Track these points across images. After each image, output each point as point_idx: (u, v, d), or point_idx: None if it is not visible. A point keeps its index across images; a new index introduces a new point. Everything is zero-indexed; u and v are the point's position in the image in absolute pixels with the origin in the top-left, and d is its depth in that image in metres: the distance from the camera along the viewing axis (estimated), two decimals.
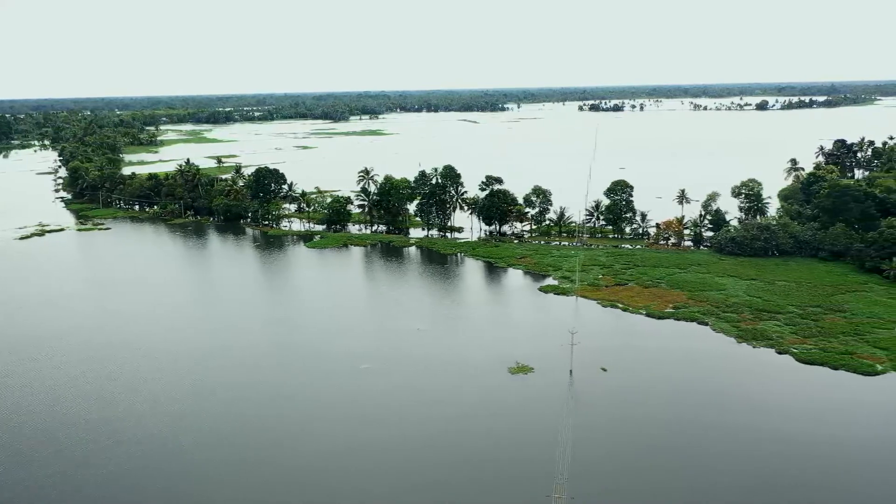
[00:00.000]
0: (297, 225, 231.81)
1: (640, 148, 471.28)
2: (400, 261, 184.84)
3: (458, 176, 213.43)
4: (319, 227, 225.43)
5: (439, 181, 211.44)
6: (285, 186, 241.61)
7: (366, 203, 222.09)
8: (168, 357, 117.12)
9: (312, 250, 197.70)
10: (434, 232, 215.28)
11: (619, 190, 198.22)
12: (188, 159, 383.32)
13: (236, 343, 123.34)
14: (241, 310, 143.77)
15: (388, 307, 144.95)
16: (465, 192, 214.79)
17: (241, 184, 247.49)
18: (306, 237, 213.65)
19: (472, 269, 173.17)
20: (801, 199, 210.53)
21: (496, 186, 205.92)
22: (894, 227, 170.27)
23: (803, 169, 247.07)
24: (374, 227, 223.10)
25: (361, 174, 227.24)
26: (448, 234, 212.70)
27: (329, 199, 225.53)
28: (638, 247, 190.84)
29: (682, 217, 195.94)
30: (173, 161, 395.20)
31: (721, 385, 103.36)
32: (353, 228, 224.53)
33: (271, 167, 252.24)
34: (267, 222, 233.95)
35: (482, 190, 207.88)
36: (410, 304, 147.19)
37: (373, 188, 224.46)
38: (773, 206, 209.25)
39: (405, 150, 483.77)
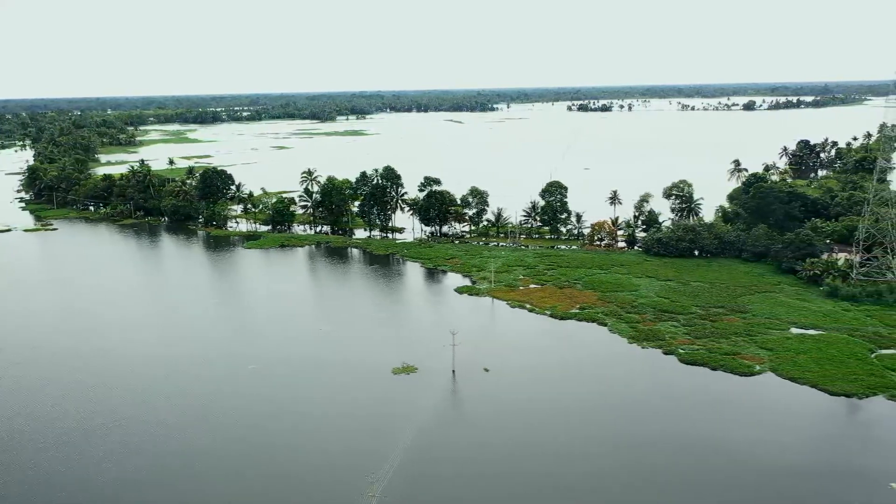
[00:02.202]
0: (244, 226, 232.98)
1: (615, 148, 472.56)
2: (330, 261, 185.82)
3: (399, 177, 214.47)
4: (265, 228, 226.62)
5: (379, 182, 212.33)
6: (233, 187, 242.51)
7: (308, 204, 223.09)
8: (39, 354, 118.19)
9: (249, 251, 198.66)
10: (376, 233, 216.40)
11: (554, 191, 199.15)
12: (171, 159, 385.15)
13: (123, 345, 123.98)
14: (145, 310, 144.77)
15: (298, 307, 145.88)
16: (406, 192, 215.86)
17: (190, 184, 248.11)
18: (250, 238, 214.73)
19: (399, 270, 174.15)
20: (743, 200, 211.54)
21: (434, 187, 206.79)
22: (817, 228, 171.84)
23: (746, 170, 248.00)
24: (319, 228, 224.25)
25: (304, 175, 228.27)
26: (389, 235, 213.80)
27: (273, 200, 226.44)
28: (573, 247, 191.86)
29: (617, 218, 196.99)
30: (148, 161, 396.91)
31: (597, 385, 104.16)
32: (298, 229, 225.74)
33: (220, 168, 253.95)
34: (214, 223, 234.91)
35: (421, 191, 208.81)
36: (322, 305, 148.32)
37: (316, 189, 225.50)
38: (716, 207, 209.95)
39: (380, 150, 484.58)
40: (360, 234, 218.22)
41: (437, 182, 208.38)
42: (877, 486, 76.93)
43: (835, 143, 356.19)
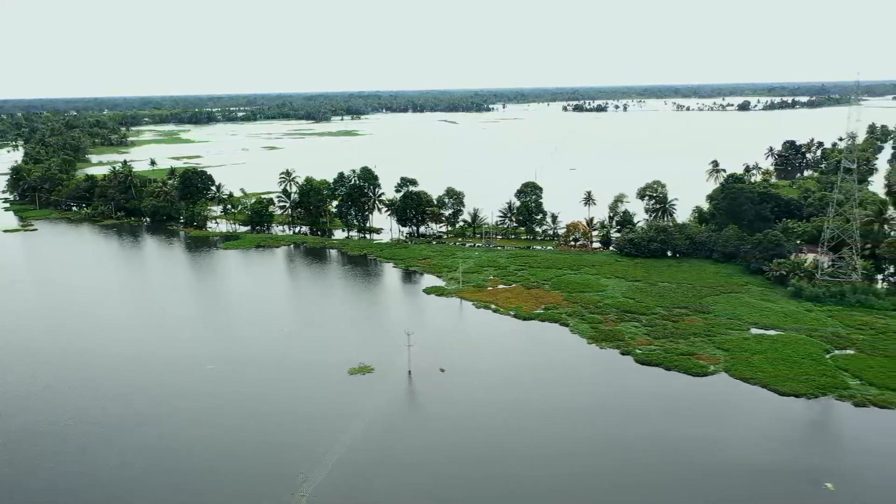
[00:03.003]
0: (224, 226, 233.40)
1: (604, 148, 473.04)
2: (304, 262, 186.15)
3: (376, 178, 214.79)
4: (244, 229, 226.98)
5: (357, 182, 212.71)
6: (213, 188, 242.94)
7: (286, 204, 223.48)
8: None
9: (226, 252, 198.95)
10: (354, 233, 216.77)
11: (529, 192, 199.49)
12: (153, 160, 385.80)
13: (87, 344, 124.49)
14: (113, 310, 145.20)
15: (265, 308, 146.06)
16: (383, 193, 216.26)
17: (171, 185, 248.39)
18: (228, 238, 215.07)
19: (371, 271, 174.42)
20: (715, 201, 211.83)
21: (411, 188, 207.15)
22: (788, 229, 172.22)
23: (724, 170, 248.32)
24: (297, 229, 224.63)
25: (283, 176, 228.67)
26: (367, 236, 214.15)
27: (252, 201, 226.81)
28: (549, 248, 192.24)
29: (592, 219, 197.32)
30: (138, 161, 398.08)
31: (550, 386, 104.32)
32: (277, 229, 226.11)
33: (200, 169, 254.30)
34: (195, 224, 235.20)
35: (397, 191, 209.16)
36: (289, 305, 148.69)
37: (295, 189, 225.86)
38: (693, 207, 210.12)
39: (370, 151, 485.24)
40: (340, 234, 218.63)
41: (414, 183, 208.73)
42: (814, 485, 77.28)
43: (820, 144, 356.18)
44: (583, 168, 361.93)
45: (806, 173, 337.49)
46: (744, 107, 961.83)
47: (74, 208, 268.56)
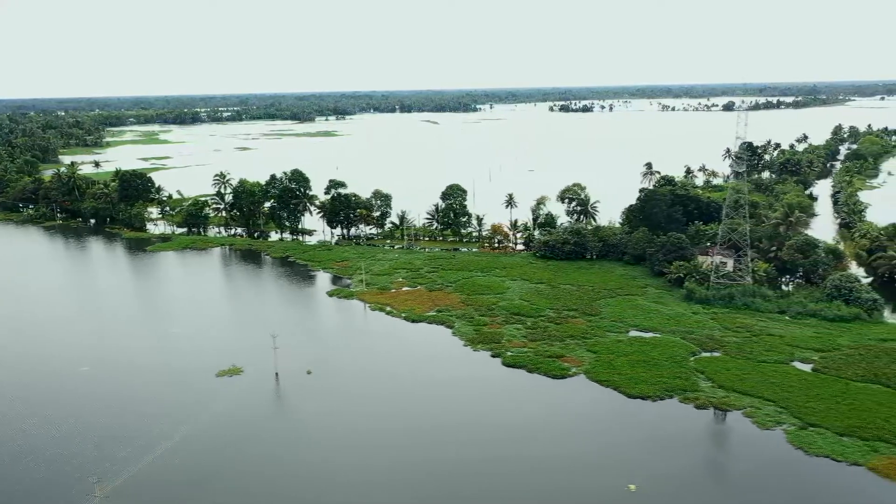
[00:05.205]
0: (163, 227, 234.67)
1: (572, 149, 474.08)
2: (224, 264, 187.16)
3: (307, 180, 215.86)
4: (182, 230, 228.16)
5: (287, 185, 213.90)
6: (153, 190, 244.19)
7: (221, 206, 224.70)
8: None
9: (153, 253, 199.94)
10: (288, 235, 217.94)
11: (453, 194, 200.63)
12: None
13: None
14: (5, 310, 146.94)
15: (162, 309, 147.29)
16: (314, 195, 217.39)
17: (112, 187, 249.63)
18: (164, 240, 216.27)
19: (285, 272, 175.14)
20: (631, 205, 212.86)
21: (340, 190, 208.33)
22: (699, 232, 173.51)
23: (658, 172, 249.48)
24: (233, 231, 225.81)
25: (217, 178, 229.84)
26: (299, 237, 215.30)
27: (188, 203, 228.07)
28: (474, 249, 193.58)
29: (516, 221, 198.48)
30: (109, 162, 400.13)
31: (408, 387, 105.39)
32: (213, 231, 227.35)
33: (139, 171, 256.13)
34: (134, 225, 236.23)
35: (326, 193, 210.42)
36: (189, 307, 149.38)
37: (229, 191, 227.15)
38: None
39: (340, 151, 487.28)
40: (275, 236, 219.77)
41: (342, 185, 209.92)
42: (617, 486, 78.47)
43: (777, 145, 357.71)
44: (542, 170, 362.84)
45: (765, 174, 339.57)
46: (728, 107, 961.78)
47: (22, 210, 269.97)
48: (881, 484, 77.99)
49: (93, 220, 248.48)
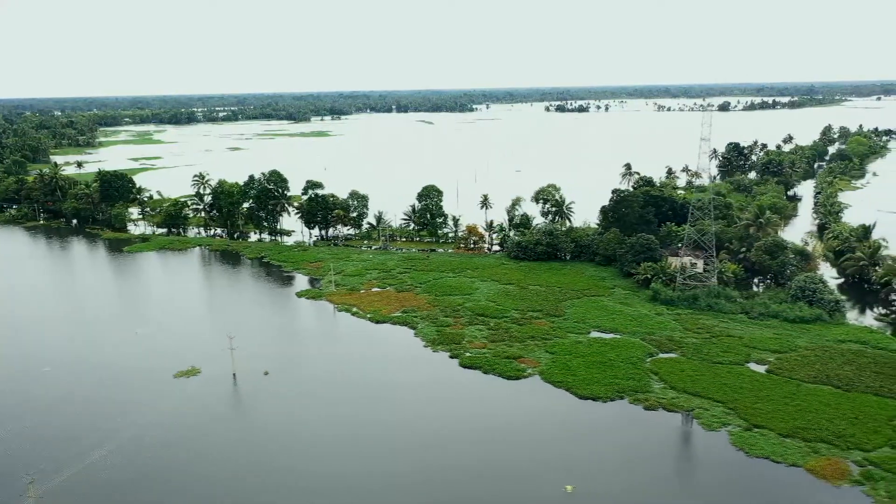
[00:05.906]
0: (143, 228, 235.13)
1: (562, 150, 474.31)
2: (198, 265, 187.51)
3: (285, 181, 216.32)
4: (162, 231, 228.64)
5: (265, 185, 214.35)
6: (134, 191, 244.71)
7: (200, 207, 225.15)
8: None
9: (130, 254, 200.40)
10: (266, 236, 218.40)
11: (429, 195, 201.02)
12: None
13: None
14: None
15: (130, 309, 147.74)
16: (293, 196, 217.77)
17: (94, 188, 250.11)
18: (143, 240, 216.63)
19: (257, 273, 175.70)
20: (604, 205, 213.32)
21: (317, 191, 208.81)
22: (671, 233, 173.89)
23: (638, 173, 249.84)
24: (213, 231, 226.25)
25: (196, 178, 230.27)
26: (278, 238, 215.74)
27: (167, 204, 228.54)
28: (450, 250, 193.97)
29: (492, 221, 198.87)
30: (100, 162, 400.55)
31: (360, 388, 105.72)
32: (193, 232, 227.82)
33: (119, 172, 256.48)
34: (115, 225, 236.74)
35: (304, 194, 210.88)
36: (156, 308, 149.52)
37: (209, 192, 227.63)
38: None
39: (331, 151, 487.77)
40: (254, 237, 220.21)
41: (320, 186, 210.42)
42: (554, 487, 78.89)
43: (764, 146, 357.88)
44: (529, 170, 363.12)
45: (752, 175, 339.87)
46: (724, 107, 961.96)
47: (5, 210, 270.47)
48: (817, 485, 78.40)
49: (74, 221, 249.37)
